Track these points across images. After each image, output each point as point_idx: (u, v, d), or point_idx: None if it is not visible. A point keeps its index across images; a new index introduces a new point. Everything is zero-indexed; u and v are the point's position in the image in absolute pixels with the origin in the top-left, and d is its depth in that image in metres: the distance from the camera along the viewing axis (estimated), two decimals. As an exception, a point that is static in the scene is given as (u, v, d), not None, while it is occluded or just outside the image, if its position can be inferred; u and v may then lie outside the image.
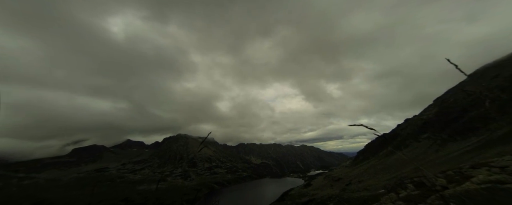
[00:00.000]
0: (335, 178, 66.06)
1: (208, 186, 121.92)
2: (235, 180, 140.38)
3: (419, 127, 64.91)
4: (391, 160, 54.90)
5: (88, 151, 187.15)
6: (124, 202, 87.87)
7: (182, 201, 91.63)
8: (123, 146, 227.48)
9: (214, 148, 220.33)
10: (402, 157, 46.33)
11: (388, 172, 44.55)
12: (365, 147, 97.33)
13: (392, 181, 28.90)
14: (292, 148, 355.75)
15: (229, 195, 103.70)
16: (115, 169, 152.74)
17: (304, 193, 62.84)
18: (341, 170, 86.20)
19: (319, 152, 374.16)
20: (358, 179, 50.46)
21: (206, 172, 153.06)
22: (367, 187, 36.02)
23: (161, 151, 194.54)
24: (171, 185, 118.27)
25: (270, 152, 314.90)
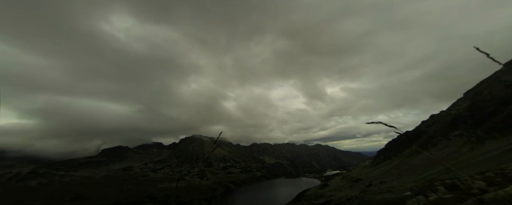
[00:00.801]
0: (354, 178, 63.11)
1: (224, 185, 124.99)
2: (249, 180, 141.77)
3: (449, 124, 58.98)
4: (416, 160, 50.73)
5: (115, 152, 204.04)
6: (148, 199, 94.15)
7: (200, 199, 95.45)
8: (144, 147, 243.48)
9: (228, 148, 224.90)
10: (430, 157, 42.51)
11: (414, 173, 41.30)
12: (386, 146, 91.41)
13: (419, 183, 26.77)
14: (306, 148, 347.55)
15: (244, 194, 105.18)
16: (139, 168, 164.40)
17: (321, 194, 61.10)
18: (360, 170, 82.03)
19: (335, 151, 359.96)
20: (380, 180, 47.60)
21: (221, 172, 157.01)
22: (391, 188, 33.84)
23: (178, 151, 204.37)
24: (189, 184, 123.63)
25: (283, 152, 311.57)
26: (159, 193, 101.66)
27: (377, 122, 2.68)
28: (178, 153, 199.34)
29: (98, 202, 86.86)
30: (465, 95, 68.52)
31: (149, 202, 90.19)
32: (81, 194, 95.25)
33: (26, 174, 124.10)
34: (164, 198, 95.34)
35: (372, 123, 2.73)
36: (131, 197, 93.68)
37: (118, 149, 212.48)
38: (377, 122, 2.68)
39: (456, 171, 9.73)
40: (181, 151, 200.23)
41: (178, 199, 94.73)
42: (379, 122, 2.67)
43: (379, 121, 2.69)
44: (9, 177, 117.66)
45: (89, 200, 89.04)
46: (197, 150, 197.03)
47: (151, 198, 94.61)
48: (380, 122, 2.66)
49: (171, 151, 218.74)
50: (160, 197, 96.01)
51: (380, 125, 2.73)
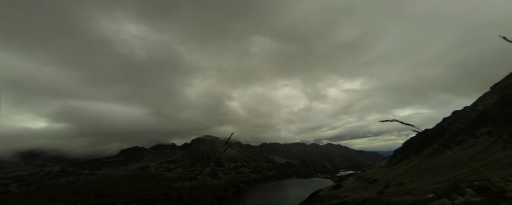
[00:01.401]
0: (369, 179, 60.69)
1: (235, 185, 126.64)
2: (260, 180, 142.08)
3: (475, 120, 54.44)
4: (439, 160, 47.51)
5: (132, 152, 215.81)
6: (164, 197, 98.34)
7: (212, 198, 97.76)
8: (158, 147, 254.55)
9: (238, 148, 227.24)
10: (454, 157, 39.56)
11: (437, 174, 38.77)
12: (403, 145, 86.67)
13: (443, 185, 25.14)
14: (317, 147, 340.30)
15: (255, 194, 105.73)
16: (154, 167, 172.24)
17: (334, 195, 59.56)
18: (375, 170, 78.61)
19: (348, 151, 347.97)
20: (398, 181, 45.33)
21: (232, 172, 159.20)
22: (411, 190, 32.12)
23: (190, 151, 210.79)
24: (201, 183, 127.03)
25: (294, 152, 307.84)
26: (174, 191, 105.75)
27: (392, 120, 2.55)
28: (190, 153, 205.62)
29: (119, 199, 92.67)
30: (492, 89, 62.76)
31: (164, 200, 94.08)
32: (104, 191, 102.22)
33: (56, 172, 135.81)
34: (179, 197, 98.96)
35: (386, 121, 2.60)
36: (149, 195, 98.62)
37: (135, 149, 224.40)
38: (392, 120, 2.55)
39: (486, 172, 9.08)
40: (193, 151, 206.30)
41: (192, 198, 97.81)
42: (394, 120, 2.55)
43: (394, 119, 2.56)
44: (42, 175, 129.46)
45: (111, 197, 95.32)
46: (208, 150, 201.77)
47: (167, 196, 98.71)
48: (395, 120, 2.54)
49: (183, 151, 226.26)
50: (175, 196, 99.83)
51: (393, 123, 2.62)
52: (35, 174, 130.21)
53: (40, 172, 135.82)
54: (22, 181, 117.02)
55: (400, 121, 2.54)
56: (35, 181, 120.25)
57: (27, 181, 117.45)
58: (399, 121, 2.54)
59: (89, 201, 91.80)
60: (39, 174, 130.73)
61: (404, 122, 2.52)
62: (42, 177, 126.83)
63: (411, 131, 2.69)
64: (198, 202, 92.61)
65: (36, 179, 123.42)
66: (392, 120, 2.55)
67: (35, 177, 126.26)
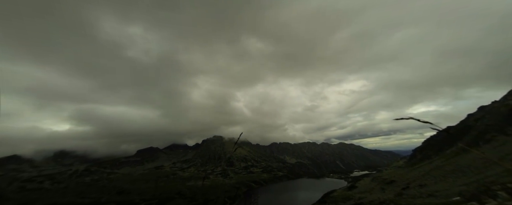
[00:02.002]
0: (387, 180, 58.00)
1: (246, 184, 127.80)
2: (271, 180, 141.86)
3: (506, 116, 49.68)
4: (465, 160, 44.07)
5: (148, 152, 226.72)
6: (178, 195, 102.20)
7: (224, 197, 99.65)
8: (171, 147, 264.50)
9: (248, 148, 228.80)
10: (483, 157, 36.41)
11: (463, 175, 36.06)
12: (423, 143, 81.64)
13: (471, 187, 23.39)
14: (328, 147, 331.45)
15: (267, 193, 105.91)
16: (169, 167, 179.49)
17: (349, 196, 57.77)
18: (393, 171, 74.89)
19: (362, 150, 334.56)
20: (419, 183, 42.85)
21: (243, 171, 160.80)
22: (434, 192, 30.24)
23: (201, 151, 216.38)
24: (213, 182, 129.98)
25: (304, 151, 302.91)
26: (187, 190, 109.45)
27: (407, 118, 2.40)
28: (202, 153, 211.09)
29: (138, 196, 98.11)
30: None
31: (179, 198, 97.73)
32: (124, 189, 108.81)
33: (81, 171, 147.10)
34: (192, 195, 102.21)
35: (401, 119, 2.45)
36: (164, 193, 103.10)
37: (150, 150, 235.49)
38: (408, 118, 2.40)
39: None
40: (204, 152, 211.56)
41: (205, 197, 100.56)
42: (411, 118, 2.39)
43: (410, 116, 2.40)
44: (70, 174, 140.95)
45: (130, 195, 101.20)
46: (219, 150, 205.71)
47: (181, 195, 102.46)
48: (411, 118, 2.39)
49: (195, 152, 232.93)
50: (188, 194, 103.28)
51: (407, 121, 2.54)
52: (64, 173, 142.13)
53: (68, 171, 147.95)
54: (53, 179, 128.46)
55: (417, 118, 2.38)
56: (64, 179, 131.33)
57: (57, 179, 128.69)
58: (416, 119, 2.39)
59: (111, 198, 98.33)
60: (68, 173, 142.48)
61: (422, 120, 2.39)
62: (70, 175, 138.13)
63: (428, 129, 2.64)
64: (211, 201, 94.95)
65: (65, 177, 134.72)
66: (408, 118, 2.40)
67: (64, 175, 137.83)
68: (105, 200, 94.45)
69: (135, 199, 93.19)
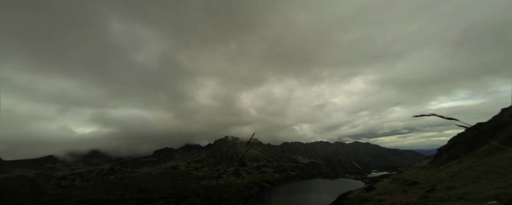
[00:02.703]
0: (409, 181, 54.31)
1: (259, 184, 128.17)
2: (284, 180, 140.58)
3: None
4: (501, 159, 39.57)
5: (164, 152, 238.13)
6: (193, 194, 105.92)
7: (238, 197, 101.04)
8: (185, 147, 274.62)
9: (260, 148, 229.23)
10: (524, 156, 32.32)
11: (500, 177, 32.47)
12: (450, 142, 75.11)
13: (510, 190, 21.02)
14: (342, 146, 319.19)
15: (280, 193, 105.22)
16: (183, 166, 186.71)
17: (367, 197, 55.12)
18: (416, 171, 69.90)
19: (379, 149, 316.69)
20: (446, 185, 39.49)
21: (255, 171, 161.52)
22: (465, 195, 27.67)
23: (214, 151, 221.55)
24: (226, 182, 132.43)
25: (317, 151, 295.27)
26: (202, 189, 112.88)
27: (428, 114, 2.21)
28: (214, 153, 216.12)
29: (156, 194, 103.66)
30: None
31: (194, 197, 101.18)
32: (144, 187, 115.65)
33: (106, 170, 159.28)
34: (207, 194, 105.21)
35: (421, 116, 2.24)
36: (180, 192, 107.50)
37: (166, 150, 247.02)
38: (429, 114, 2.21)
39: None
40: (217, 152, 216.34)
41: (219, 196, 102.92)
42: (432, 115, 2.20)
43: (431, 113, 2.21)
44: (97, 173, 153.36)
45: (150, 193, 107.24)
46: (230, 151, 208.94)
47: (196, 194, 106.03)
48: (433, 115, 2.19)
49: (208, 152, 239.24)
50: (203, 193, 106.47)
51: (425, 119, 2.24)
52: (92, 171, 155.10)
53: (95, 169, 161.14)
54: (83, 177, 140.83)
55: (440, 115, 2.18)
56: (92, 177, 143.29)
57: (86, 177, 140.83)
58: (439, 115, 2.19)
59: (133, 195, 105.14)
60: (95, 171, 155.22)
61: (446, 117, 2.16)
62: (97, 174, 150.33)
63: (449, 126, 2.46)
64: (225, 200, 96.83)
65: (92, 175, 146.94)
66: (429, 115, 2.21)
67: (92, 174, 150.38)
68: (127, 197, 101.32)
69: (154, 197, 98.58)
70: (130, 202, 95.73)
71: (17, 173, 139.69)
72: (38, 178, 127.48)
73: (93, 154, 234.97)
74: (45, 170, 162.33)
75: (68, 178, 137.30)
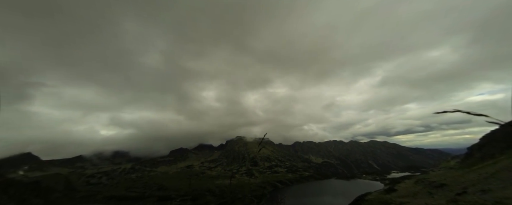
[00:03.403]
0: (435, 183, 50.29)
1: (272, 184, 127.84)
2: (297, 180, 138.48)
3: None
4: (548, 160, 34.87)
5: (179, 152, 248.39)
6: (208, 193, 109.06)
7: (251, 196, 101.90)
8: (199, 148, 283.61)
9: (271, 148, 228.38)
10: None
11: (545, 179, 28.70)
12: (481, 140, 68.03)
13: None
14: (357, 145, 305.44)
15: (293, 194, 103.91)
16: (198, 166, 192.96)
17: (387, 200, 52.08)
18: (443, 172, 64.51)
19: (399, 148, 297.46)
20: (480, 187, 35.85)
21: (267, 171, 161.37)
22: (503, 200, 24.97)
23: (226, 151, 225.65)
24: (239, 181, 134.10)
25: (331, 150, 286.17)
26: (216, 188, 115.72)
27: (452, 110, 2.02)
28: (226, 153, 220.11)
29: (174, 192, 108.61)
30: None
31: (209, 195, 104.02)
32: (162, 185, 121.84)
33: (128, 169, 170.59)
34: (221, 193, 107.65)
35: (444, 112, 2.06)
36: (196, 190, 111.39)
37: (180, 150, 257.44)
38: (453, 110, 2.02)
39: None
40: (229, 152, 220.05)
41: (232, 195, 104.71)
42: (457, 111, 2.00)
43: (455, 109, 2.03)
44: (120, 171, 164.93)
45: (168, 191, 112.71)
46: (242, 150, 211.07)
47: (210, 192, 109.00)
48: (458, 111, 2.00)
49: (220, 152, 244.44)
50: (217, 192, 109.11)
51: (446, 115, 2.10)
52: (115, 170, 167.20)
53: (118, 168, 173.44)
54: (108, 175, 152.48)
55: (466, 111, 1.96)
56: (116, 175, 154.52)
57: (111, 176, 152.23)
58: (465, 112, 1.98)
59: (152, 193, 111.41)
60: (118, 170, 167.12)
61: (473, 113, 1.96)
62: (120, 173, 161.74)
63: (475, 123, 2.29)
64: (238, 199, 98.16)
65: (116, 174, 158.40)
66: (453, 111, 2.02)
67: (116, 172, 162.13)
68: (148, 195, 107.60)
69: (172, 195, 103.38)
70: (150, 199, 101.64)
71: (53, 171, 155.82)
72: (71, 176, 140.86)
73: (116, 154, 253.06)
74: (76, 169, 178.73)
75: (95, 176, 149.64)
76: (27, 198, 59.08)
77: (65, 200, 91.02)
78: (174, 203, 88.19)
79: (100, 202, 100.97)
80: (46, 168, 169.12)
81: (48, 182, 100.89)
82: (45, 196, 66.46)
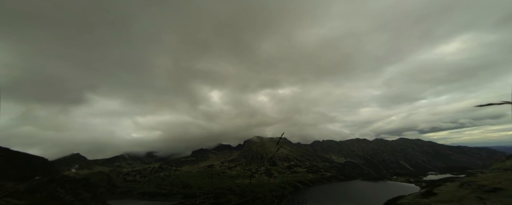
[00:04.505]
0: (487, 187, 43.37)
1: (292, 184, 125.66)
2: (318, 180, 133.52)
3: None
4: None
5: (200, 153, 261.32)
6: (229, 191, 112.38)
7: (271, 196, 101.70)
8: (218, 148, 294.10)
9: (289, 147, 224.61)
10: None
11: None
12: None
13: None
14: (384, 144, 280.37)
15: (315, 195, 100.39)
16: (218, 166, 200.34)
17: (424, 204, 46.78)
18: (495, 174, 55.09)
19: (436, 147, 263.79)
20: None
21: (286, 171, 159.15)
22: None
23: (244, 151, 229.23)
24: (259, 181, 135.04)
25: (354, 149, 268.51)
26: (237, 187, 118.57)
27: (499, 102, 1.80)
28: (245, 153, 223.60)
29: (198, 190, 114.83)
30: None
31: (230, 194, 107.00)
32: (187, 183, 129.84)
33: (157, 168, 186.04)
34: (241, 192, 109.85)
35: (489, 105, 1.82)
36: (217, 189, 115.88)
37: (201, 150, 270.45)
38: (500, 102, 1.80)
39: None
40: (247, 152, 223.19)
41: (253, 194, 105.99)
42: (506, 103, 1.79)
43: (503, 100, 1.80)
44: (150, 170, 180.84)
45: (192, 189, 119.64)
46: (260, 150, 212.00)
47: (231, 191, 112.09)
48: (507, 103, 1.79)
49: (239, 152, 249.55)
50: (238, 191, 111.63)
51: (486, 109, 1.94)
52: (146, 169, 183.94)
53: (148, 167, 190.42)
54: (141, 173, 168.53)
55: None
56: (147, 173, 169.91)
57: (143, 174, 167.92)
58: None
59: (179, 190, 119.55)
60: (148, 169, 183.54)
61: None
62: (150, 171, 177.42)
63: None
64: (259, 198, 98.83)
65: (147, 172, 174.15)
66: (501, 103, 1.80)
67: (147, 171, 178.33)
68: (175, 192, 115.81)
69: (196, 193, 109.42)
70: (177, 196, 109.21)
71: (97, 169, 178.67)
72: (111, 174, 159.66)
73: (146, 154, 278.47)
74: (115, 168, 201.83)
75: (130, 174, 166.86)
76: (79, 192, 68.79)
77: (108, 195, 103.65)
78: (198, 200, 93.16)
79: (136, 197, 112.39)
80: (92, 166, 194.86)
81: (94, 179, 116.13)
82: (92, 191, 76.97)
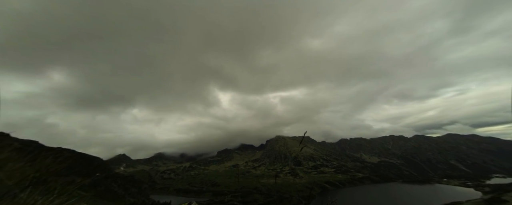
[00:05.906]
0: None
1: (319, 185, 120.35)
2: (349, 182, 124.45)
3: None
4: None
5: (225, 153, 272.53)
6: (255, 191, 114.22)
7: (298, 196, 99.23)
8: (242, 148, 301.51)
9: (314, 146, 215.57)
10: None
11: None
12: None
13: None
14: (426, 140, 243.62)
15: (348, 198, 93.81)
16: (243, 165, 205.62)
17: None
18: None
19: (500, 143, 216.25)
20: None
21: (312, 171, 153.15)
22: None
23: (267, 151, 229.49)
24: (284, 181, 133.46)
25: (389, 148, 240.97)
26: (262, 187, 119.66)
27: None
28: (268, 153, 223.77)
29: (225, 188, 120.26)
30: None
31: (256, 193, 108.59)
32: (215, 182, 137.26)
33: (187, 167, 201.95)
34: (267, 192, 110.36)
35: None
36: (244, 188, 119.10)
37: (226, 151, 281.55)
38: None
39: None
40: (270, 151, 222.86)
41: (279, 194, 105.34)
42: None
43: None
44: (182, 169, 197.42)
45: (220, 187, 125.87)
46: (283, 150, 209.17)
47: (257, 190, 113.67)
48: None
49: (262, 151, 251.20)
50: (264, 191, 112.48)
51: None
52: (179, 168, 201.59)
53: (181, 166, 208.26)
54: (175, 172, 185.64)
55: None
56: (180, 172, 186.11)
57: (177, 172, 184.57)
58: None
59: (208, 188, 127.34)
60: (181, 168, 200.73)
61: None
62: (182, 170, 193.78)
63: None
64: (285, 199, 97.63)
65: (180, 171, 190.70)
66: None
67: (179, 169, 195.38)
68: (205, 189, 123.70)
69: (224, 191, 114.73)
70: (207, 193, 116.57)
71: (140, 168, 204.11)
72: (151, 172, 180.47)
73: (179, 154, 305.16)
74: (154, 166, 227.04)
75: (166, 172, 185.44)
76: (128, 187, 79.97)
77: (150, 190, 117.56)
78: (227, 198, 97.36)
79: (173, 193, 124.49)
80: (135, 165, 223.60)
81: (138, 176, 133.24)
82: (138, 186, 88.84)
